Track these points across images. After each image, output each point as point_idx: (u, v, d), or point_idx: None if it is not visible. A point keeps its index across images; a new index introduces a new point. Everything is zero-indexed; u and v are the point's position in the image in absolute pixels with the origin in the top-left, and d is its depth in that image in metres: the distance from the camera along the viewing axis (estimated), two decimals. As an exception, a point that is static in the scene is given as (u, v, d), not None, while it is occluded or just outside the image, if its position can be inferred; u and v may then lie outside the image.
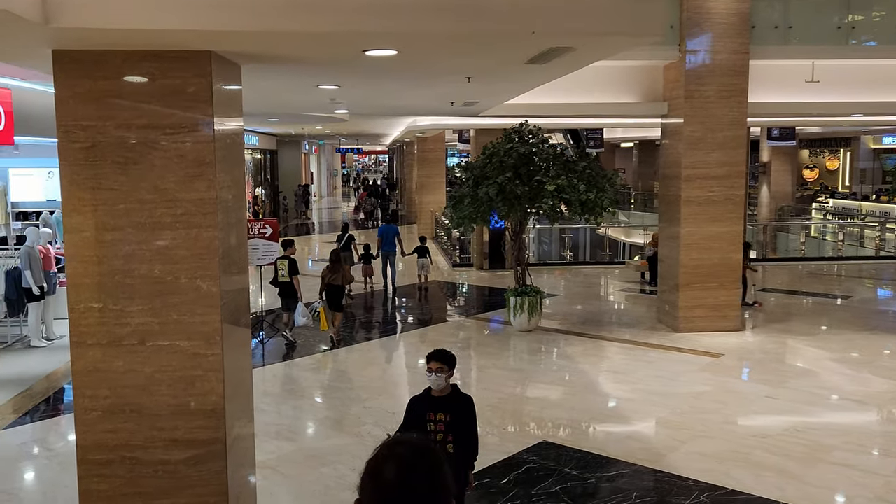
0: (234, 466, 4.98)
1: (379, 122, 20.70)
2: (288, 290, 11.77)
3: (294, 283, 11.70)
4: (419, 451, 1.82)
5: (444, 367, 4.92)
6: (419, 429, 4.93)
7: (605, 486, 6.76)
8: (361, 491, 1.82)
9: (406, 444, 1.85)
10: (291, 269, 11.73)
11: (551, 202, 11.29)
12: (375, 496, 1.79)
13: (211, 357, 4.74)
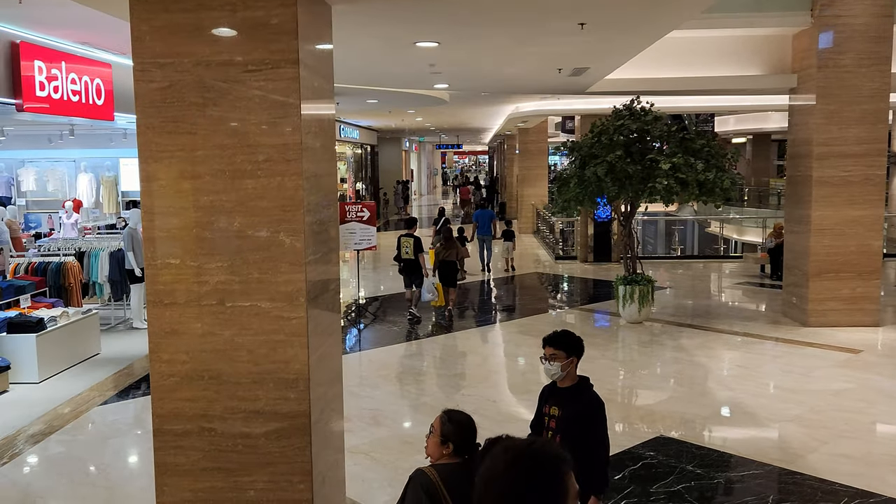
0: (319, 444, 4.51)
1: (479, 112, 20.16)
2: (413, 267, 11.93)
3: (419, 260, 11.86)
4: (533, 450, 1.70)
5: (559, 354, 4.12)
6: (538, 422, 4.30)
7: (737, 486, 5.94)
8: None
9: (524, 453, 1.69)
10: (416, 246, 11.88)
11: (666, 182, 10.41)
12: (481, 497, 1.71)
13: (294, 320, 4.27)
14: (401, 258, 12.00)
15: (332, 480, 4.84)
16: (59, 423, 7.44)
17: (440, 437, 3.33)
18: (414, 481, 3.23)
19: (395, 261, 12.28)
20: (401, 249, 12.00)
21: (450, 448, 3.31)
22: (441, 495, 3.13)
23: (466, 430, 3.33)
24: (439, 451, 3.33)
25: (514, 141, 29.29)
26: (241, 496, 4.39)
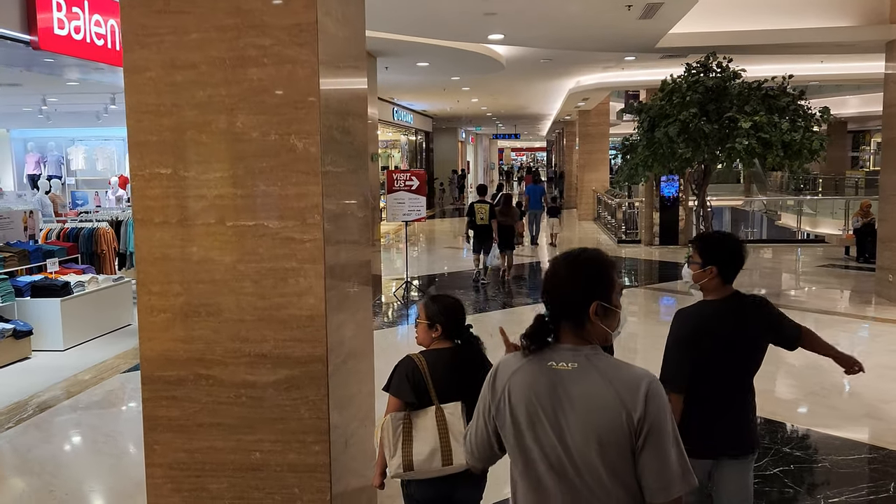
0: (340, 399, 3.71)
1: (538, 89, 19.19)
2: (487, 232, 12.12)
3: (492, 227, 12.04)
4: (576, 256, 2.00)
5: (695, 258, 3.37)
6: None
7: (847, 472, 4.92)
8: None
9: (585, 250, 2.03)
10: (490, 213, 12.11)
11: (746, 142, 9.33)
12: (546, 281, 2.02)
13: (308, 243, 3.47)
14: (475, 224, 12.19)
15: (357, 447, 4.03)
16: (76, 390, 6.84)
17: (426, 321, 3.30)
18: (399, 367, 3.17)
19: (469, 227, 12.47)
20: (475, 215, 12.16)
21: (438, 331, 3.26)
22: (425, 381, 3.04)
23: (451, 310, 3.23)
24: (429, 337, 3.30)
25: (574, 128, 28.20)
26: (243, 458, 3.61)
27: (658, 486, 1.86)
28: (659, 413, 1.85)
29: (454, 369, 3.22)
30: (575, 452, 1.89)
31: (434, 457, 3.02)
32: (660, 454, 1.85)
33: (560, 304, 1.97)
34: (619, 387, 1.87)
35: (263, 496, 3.61)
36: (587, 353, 1.94)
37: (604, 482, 1.88)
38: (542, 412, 1.93)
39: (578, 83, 17.56)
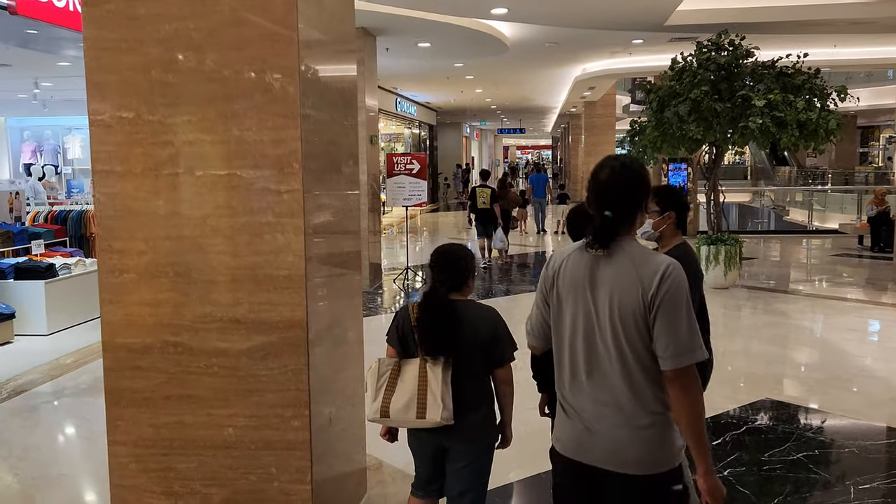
0: (322, 368, 3.35)
1: (543, 76, 18.79)
2: (488, 216, 12.20)
3: (494, 211, 12.11)
4: (625, 161, 2.27)
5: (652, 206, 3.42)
6: None
7: (877, 457, 4.55)
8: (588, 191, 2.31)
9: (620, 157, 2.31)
10: (492, 197, 12.17)
11: (760, 121, 8.93)
12: (591, 190, 2.28)
13: (286, 195, 3.12)
14: (477, 208, 12.24)
15: (343, 427, 3.67)
16: (56, 374, 6.51)
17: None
18: (395, 315, 3.12)
19: (471, 211, 12.64)
20: (477, 200, 12.22)
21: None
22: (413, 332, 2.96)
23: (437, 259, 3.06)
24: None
25: (580, 121, 27.82)
26: (215, 434, 3.26)
27: (666, 354, 2.11)
28: (672, 292, 2.11)
29: (449, 323, 2.92)
30: (600, 323, 2.19)
31: (409, 408, 2.88)
32: (669, 327, 2.10)
33: (616, 203, 2.19)
34: (641, 269, 2.15)
35: (237, 476, 3.27)
36: (624, 242, 2.20)
37: (622, 351, 2.16)
38: (580, 289, 2.23)
39: (584, 70, 17.16)
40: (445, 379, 2.87)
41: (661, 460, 2.17)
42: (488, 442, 3.02)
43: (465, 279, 3.01)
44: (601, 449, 2.20)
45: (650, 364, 2.14)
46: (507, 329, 2.99)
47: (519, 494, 4.18)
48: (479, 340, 2.92)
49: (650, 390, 2.16)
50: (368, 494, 4.08)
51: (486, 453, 3.03)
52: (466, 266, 3.04)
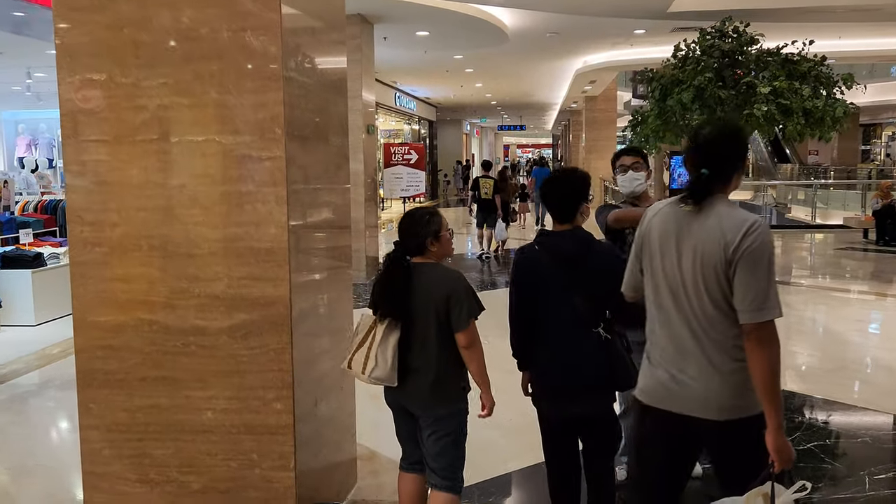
0: (307, 348, 3.16)
1: (543, 70, 18.59)
2: (490, 206, 12.36)
3: (496, 201, 12.27)
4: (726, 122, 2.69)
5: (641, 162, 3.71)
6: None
7: (891, 447, 4.36)
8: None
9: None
10: (494, 187, 12.32)
11: (766, 108, 8.74)
12: (689, 149, 2.36)
13: (268, 162, 2.93)
14: (480, 198, 12.46)
15: (331, 412, 3.48)
16: (40, 364, 6.32)
17: None
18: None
19: (473, 201, 12.95)
20: (480, 190, 12.41)
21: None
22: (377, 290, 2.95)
23: (400, 219, 3.00)
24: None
25: (580, 117, 27.60)
26: (193, 418, 3.07)
27: (743, 307, 2.16)
28: (754, 247, 2.16)
29: (398, 286, 2.87)
30: (684, 275, 2.28)
31: (360, 363, 2.90)
32: (749, 282, 2.14)
33: (713, 161, 2.27)
34: (727, 224, 2.22)
35: (216, 463, 3.07)
36: (716, 200, 2.28)
37: (703, 301, 2.24)
38: (668, 243, 2.33)
39: (585, 63, 16.96)
40: (388, 339, 2.83)
41: (746, 405, 2.22)
42: (450, 410, 2.87)
43: (423, 242, 2.89)
44: (688, 396, 2.27)
45: (732, 315, 2.20)
46: (468, 293, 2.84)
47: (518, 484, 3.98)
48: (433, 304, 2.81)
49: (733, 340, 2.22)
50: (359, 485, 3.88)
51: (448, 421, 2.88)
52: (425, 229, 2.90)
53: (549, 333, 3.00)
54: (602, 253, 3.01)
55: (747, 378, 2.19)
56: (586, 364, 2.95)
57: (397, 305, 2.85)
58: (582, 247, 2.96)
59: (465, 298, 2.81)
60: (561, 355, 2.98)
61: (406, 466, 3.11)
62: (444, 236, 2.95)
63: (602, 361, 2.95)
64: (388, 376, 2.85)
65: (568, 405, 3.05)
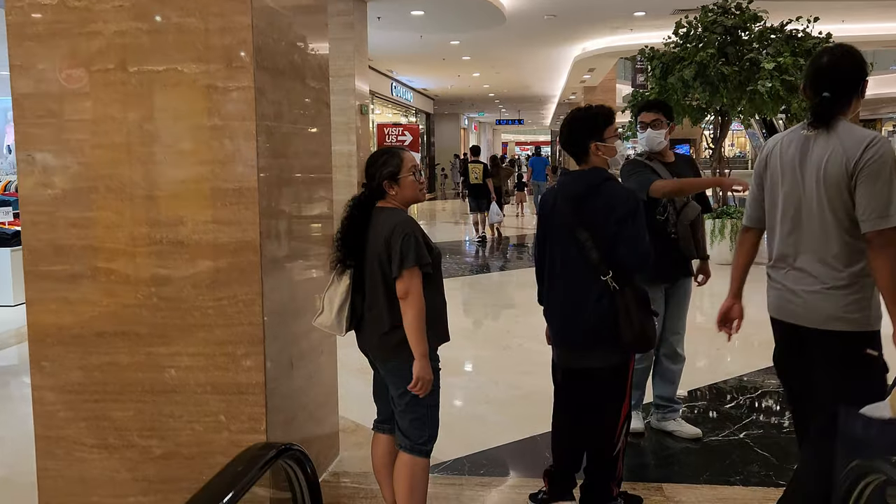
0: (279, 301, 2.90)
1: (541, 58, 18.34)
2: (481, 191, 12.47)
3: (487, 185, 12.37)
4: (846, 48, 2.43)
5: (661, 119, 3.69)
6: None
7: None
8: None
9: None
10: (485, 172, 12.45)
11: (770, 84, 8.47)
12: (809, 76, 2.45)
13: (235, 93, 2.66)
14: (469, 183, 12.58)
15: (307, 373, 3.22)
16: (17, 341, 6.06)
17: None
18: None
19: (464, 187, 13.59)
20: (469, 175, 12.55)
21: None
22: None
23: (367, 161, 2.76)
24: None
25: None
26: (155, 377, 2.81)
27: (865, 216, 2.26)
28: (875, 160, 2.26)
29: (351, 230, 2.65)
30: (807, 196, 2.38)
31: (318, 308, 2.72)
32: (871, 192, 2.26)
33: (835, 85, 2.36)
34: (847, 142, 2.31)
35: (180, 426, 2.81)
36: (837, 123, 2.35)
37: (825, 218, 2.34)
38: (789, 167, 2.43)
39: (584, 49, 16.71)
40: (337, 285, 2.64)
41: (856, 321, 2.32)
42: (404, 363, 2.56)
43: (379, 185, 2.63)
44: (802, 308, 2.40)
45: (852, 231, 2.31)
46: (407, 240, 2.51)
47: (508, 457, 3.72)
48: (376, 248, 2.57)
49: (851, 256, 2.32)
50: (341, 456, 3.62)
51: (406, 375, 2.56)
52: (380, 170, 2.63)
53: (555, 277, 2.87)
54: (609, 193, 2.78)
55: (860, 296, 2.31)
56: (587, 313, 2.76)
57: (346, 249, 2.63)
58: (589, 187, 2.79)
59: (402, 244, 2.50)
60: (563, 301, 2.84)
61: (376, 425, 2.87)
62: (406, 179, 2.65)
63: (604, 313, 2.74)
64: (333, 324, 2.63)
65: (567, 355, 2.90)
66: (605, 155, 2.82)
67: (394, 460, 2.80)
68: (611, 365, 2.82)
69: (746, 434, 3.87)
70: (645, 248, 2.73)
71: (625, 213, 2.71)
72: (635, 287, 2.79)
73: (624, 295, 2.73)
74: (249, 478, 1.35)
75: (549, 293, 2.92)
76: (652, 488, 3.22)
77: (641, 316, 2.75)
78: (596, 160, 2.81)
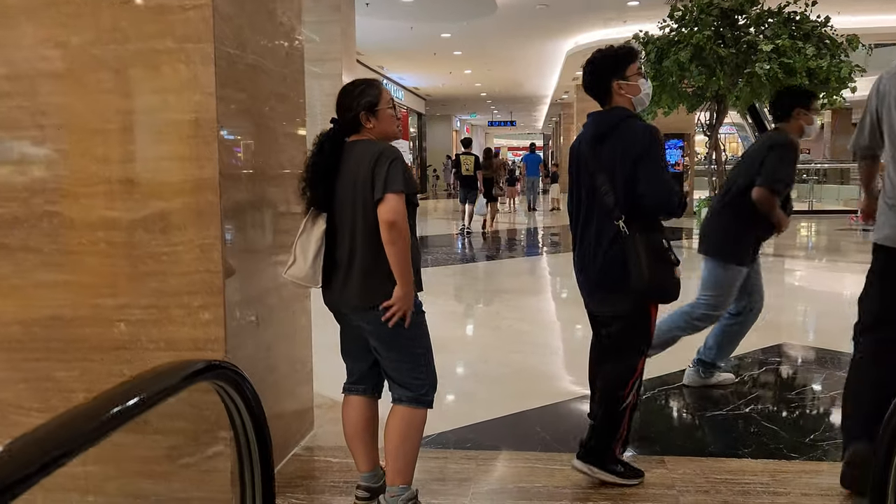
0: (242, 245, 2.62)
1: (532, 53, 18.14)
2: (471, 182, 12.59)
3: (477, 177, 12.49)
4: None
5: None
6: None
7: None
8: None
9: None
10: (476, 164, 12.54)
11: (768, 66, 8.25)
12: None
13: (191, 11, 2.39)
14: (461, 174, 12.63)
15: (277, 335, 2.94)
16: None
17: None
18: None
19: (455, 177, 13.48)
20: (461, 166, 12.60)
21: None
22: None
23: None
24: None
25: (571, 109, 27.15)
26: (103, 332, 2.52)
27: None
28: None
29: (321, 168, 2.39)
30: None
31: (289, 259, 2.45)
32: None
33: None
34: None
35: (130, 386, 2.51)
36: None
37: None
38: None
39: (577, 44, 16.47)
40: (311, 232, 2.39)
41: None
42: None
43: (356, 117, 2.38)
44: None
45: None
46: (399, 164, 2.28)
47: (495, 431, 3.44)
48: (361, 180, 2.31)
49: None
50: (316, 431, 3.34)
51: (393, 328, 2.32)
52: (357, 101, 2.38)
53: (579, 225, 2.79)
54: (627, 132, 2.64)
55: None
56: (599, 259, 2.68)
57: (321, 189, 2.38)
58: (608, 126, 2.68)
59: (389, 168, 2.26)
60: (583, 247, 2.76)
61: (347, 388, 2.60)
62: (385, 111, 2.42)
63: (615, 258, 2.62)
64: (307, 275, 2.38)
65: (586, 299, 2.85)
66: (629, 94, 2.71)
67: (368, 425, 2.55)
68: (623, 312, 2.70)
69: (752, 409, 3.61)
70: (665, 185, 2.57)
71: (641, 151, 2.58)
72: (650, 233, 2.61)
73: (635, 240, 2.58)
74: (161, 391, 1.09)
75: (576, 241, 2.83)
76: (654, 461, 2.96)
77: (653, 263, 2.57)
78: (619, 100, 2.72)
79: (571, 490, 2.70)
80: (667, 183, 2.59)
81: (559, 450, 3.09)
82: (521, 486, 2.76)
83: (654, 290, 2.61)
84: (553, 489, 2.71)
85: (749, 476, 2.81)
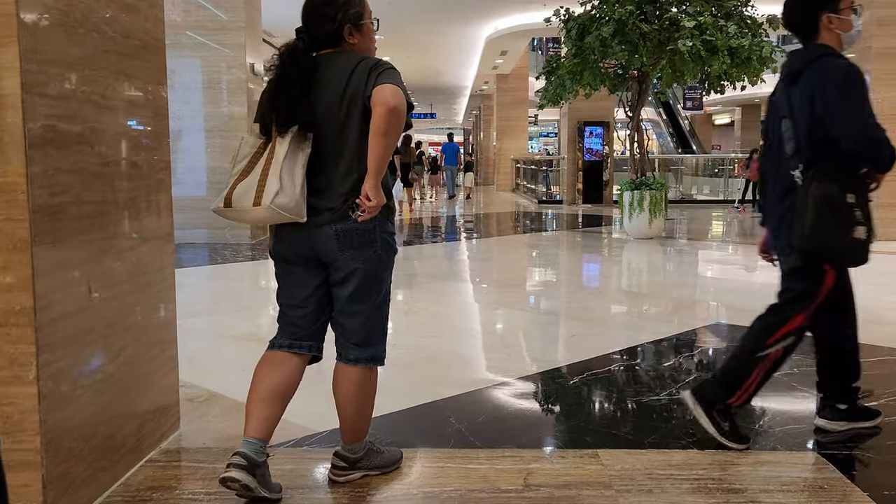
0: (62, 187, 2.01)
1: (452, 37, 17.70)
2: (389, 167, 12.33)
3: (394, 161, 12.04)
4: None
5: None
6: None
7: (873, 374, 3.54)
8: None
9: None
10: (394, 150, 12.13)
11: (691, 43, 8.00)
12: None
13: None
14: None
15: (124, 305, 2.33)
16: None
17: None
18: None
19: None
20: None
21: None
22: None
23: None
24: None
25: (491, 101, 26.92)
26: None
27: None
28: None
29: (299, 82, 2.09)
30: None
31: (248, 193, 2.08)
32: None
33: None
34: None
35: None
36: None
37: None
38: None
39: (496, 29, 16.13)
40: (293, 156, 2.08)
41: None
42: (370, 233, 2.16)
43: (339, 29, 2.12)
44: None
45: None
46: (397, 73, 2.07)
47: (404, 425, 2.92)
48: (347, 94, 2.06)
49: None
50: (182, 431, 2.73)
51: (366, 253, 2.16)
52: (342, 12, 2.11)
53: (769, 178, 2.62)
54: (824, 70, 2.37)
55: None
56: (776, 209, 2.55)
57: (304, 107, 2.08)
58: (804, 61, 2.44)
59: (387, 72, 2.03)
60: (764, 195, 2.68)
61: (289, 343, 2.23)
62: (368, 26, 2.20)
63: (784, 212, 2.47)
64: (297, 204, 2.07)
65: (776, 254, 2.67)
66: (839, 29, 2.44)
67: (290, 390, 2.23)
68: (793, 267, 2.54)
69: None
70: (868, 128, 2.30)
71: (838, 90, 2.32)
72: (829, 185, 2.33)
73: (807, 192, 2.35)
74: None
75: (763, 193, 2.74)
76: (585, 455, 2.49)
77: (822, 220, 2.32)
78: (827, 36, 2.46)
79: (489, 494, 2.20)
80: (871, 127, 2.30)
81: (475, 444, 2.59)
82: (427, 490, 2.25)
83: (819, 249, 2.36)
84: (466, 493, 2.21)
85: (698, 470, 2.38)
